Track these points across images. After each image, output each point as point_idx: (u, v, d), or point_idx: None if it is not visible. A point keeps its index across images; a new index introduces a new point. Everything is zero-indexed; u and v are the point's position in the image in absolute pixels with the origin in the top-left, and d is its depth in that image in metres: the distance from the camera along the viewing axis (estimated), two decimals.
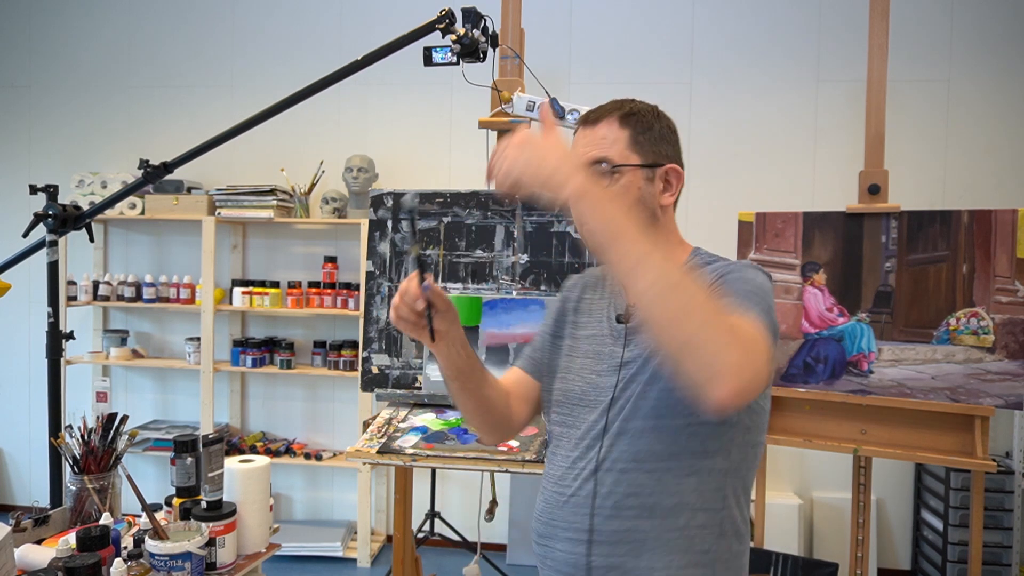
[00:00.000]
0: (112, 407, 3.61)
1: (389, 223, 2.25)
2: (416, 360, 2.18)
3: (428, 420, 2.02)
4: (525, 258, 2.16)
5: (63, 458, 1.61)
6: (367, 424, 2.02)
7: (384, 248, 2.24)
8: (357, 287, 3.53)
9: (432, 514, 3.29)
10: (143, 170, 2.09)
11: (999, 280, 2.19)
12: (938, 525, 3.16)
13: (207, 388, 3.57)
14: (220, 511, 1.48)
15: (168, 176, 2.23)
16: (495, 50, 2.30)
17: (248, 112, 2.12)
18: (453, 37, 2.08)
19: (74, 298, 3.67)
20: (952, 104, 3.36)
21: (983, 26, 3.33)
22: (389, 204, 2.25)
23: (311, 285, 3.64)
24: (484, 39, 2.13)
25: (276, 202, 3.53)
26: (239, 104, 3.82)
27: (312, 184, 3.61)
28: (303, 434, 3.83)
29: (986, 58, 3.32)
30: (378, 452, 1.83)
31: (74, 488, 1.61)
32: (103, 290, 3.70)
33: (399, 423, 2.00)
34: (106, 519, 1.46)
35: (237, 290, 3.60)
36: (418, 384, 2.16)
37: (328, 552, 3.49)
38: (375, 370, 2.19)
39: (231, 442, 3.67)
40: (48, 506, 1.79)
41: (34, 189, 2.16)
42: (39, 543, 1.50)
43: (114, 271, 3.92)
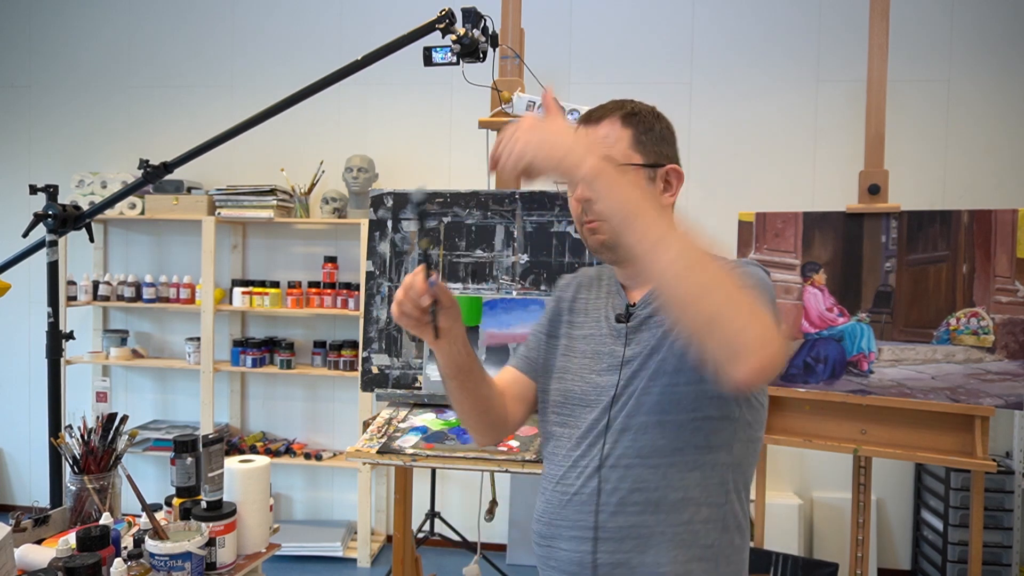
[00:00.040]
0: (112, 407, 3.61)
1: (389, 223, 2.25)
2: (416, 360, 2.18)
3: (428, 420, 2.02)
4: (525, 258, 2.16)
5: (63, 458, 1.61)
6: (367, 424, 2.02)
7: (384, 248, 2.24)
8: (357, 287, 3.53)
9: (432, 514, 3.29)
10: (143, 170, 2.09)
11: (999, 280, 2.19)
12: (938, 525, 3.16)
13: (207, 388, 3.57)
14: (220, 511, 1.48)
15: (168, 176, 2.23)
16: (495, 50, 2.30)
17: (248, 112, 2.12)
18: (453, 37, 2.08)
19: (74, 298, 3.67)
20: (952, 104, 3.36)
21: (983, 26, 3.33)
22: (389, 204, 2.25)
23: (311, 285, 3.64)
24: (484, 39, 2.13)
25: (276, 202, 3.53)
26: (239, 104, 3.82)
27: (312, 184, 3.61)
28: (303, 434, 3.83)
29: (986, 58, 3.33)
30: (378, 452, 1.83)
31: (74, 488, 1.61)
32: (103, 290, 3.70)
33: (399, 423, 2.00)
34: (106, 519, 1.46)
35: (237, 290, 3.60)
36: (418, 384, 2.16)
37: (328, 552, 3.49)
38: (375, 370, 2.19)
39: (231, 442, 3.67)
40: (48, 506, 1.79)
41: (34, 189, 2.16)
42: (39, 543, 1.50)
43: (114, 271, 3.92)
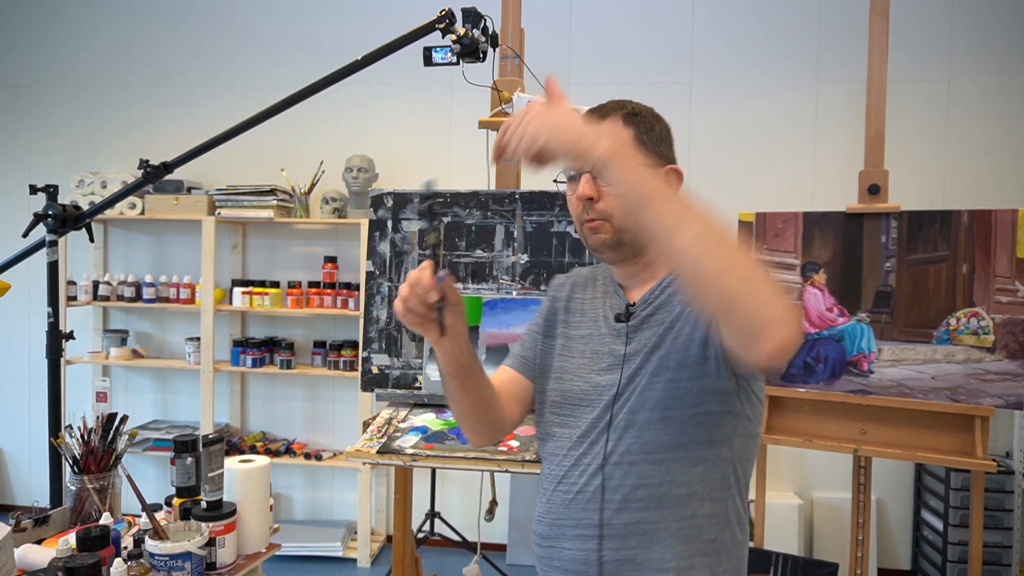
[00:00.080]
0: (112, 407, 3.61)
1: (389, 223, 2.25)
2: (416, 360, 2.18)
3: (428, 420, 2.02)
4: (525, 258, 2.16)
5: (63, 458, 1.61)
6: (367, 424, 2.02)
7: (384, 248, 2.24)
8: (357, 287, 3.53)
9: (432, 514, 3.29)
10: (143, 170, 2.09)
11: (999, 280, 2.19)
12: (938, 525, 3.16)
13: (207, 388, 3.57)
14: (220, 511, 1.48)
15: (168, 176, 2.23)
16: (495, 50, 2.30)
17: (248, 112, 2.12)
18: (453, 37, 2.08)
19: (74, 298, 3.67)
20: (952, 104, 3.36)
21: (983, 26, 3.33)
22: (389, 204, 2.25)
23: (311, 285, 3.64)
24: (484, 39, 2.13)
25: (276, 202, 3.53)
26: (239, 104, 3.82)
27: (312, 184, 3.61)
28: (303, 434, 3.83)
29: (986, 58, 3.32)
30: (378, 452, 1.83)
31: (74, 488, 1.61)
32: (103, 290, 3.70)
33: (399, 423, 2.00)
34: (106, 519, 1.46)
35: (237, 290, 3.60)
36: (418, 384, 2.16)
37: (328, 552, 3.49)
38: (375, 370, 2.19)
39: (231, 442, 3.67)
40: (48, 506, 1.79)
41: (34, 189, 2.16)
42: (39, 543, 1.50)
43: (114, 271, 3.92)
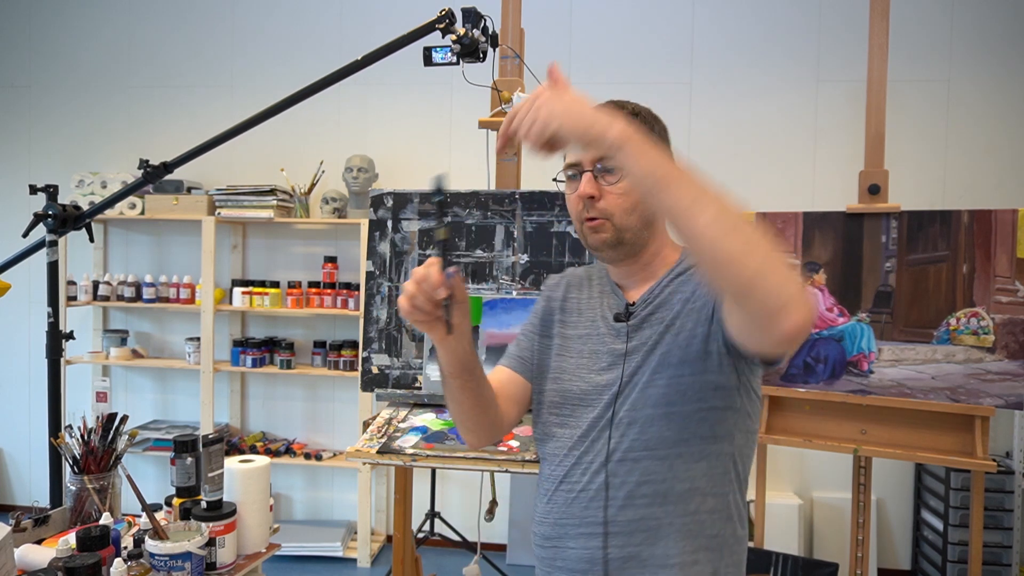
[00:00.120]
0: (112, 407, 3.61)
1: (389, 223, 2.25)
2: (416, 360, 2.18)
3: (428, 420, 2.02)
4: (525, 258, 2.16)
5: (63, 458, 1.61)
6: (367, 424, 2.02)
7: (384, 248, 2.24)
8: (357, 287, 3.53)
9: (432, 514, 3.29)
10: (143, 170, 2.09)
11: (999, 280, 2.19)
12: (938, 525, 3.16)
13: (207, 388, 3.57)
14: (220, 511, 1.48)
15: (168, 176, 2.23)
16: (495, 50, 2.30)
17: (248, 112, 2.12)
18: (453, 37, 2.08)
19: (74, 298, 3.67)
20: (952, 104, 3.36)
21: (983, 26, 3.33)
22: (389, 204, 2.25)
23: (311, 285, 3.64)
24: (484, 39, 2.13)
25: (276, 202, 3.53)
26: (239, 104, 3.82)
27: (312, 184, 3.61)
28: (303, 434, 3.83)
29: (986, 58, 3.32)
30: (378, 452, 1.83)
31: (74, 488, 1.61)
32: (103, 290, 3.70)
33: (399, 423, 2.00)
34: (106, 519, 1.46)
35: (237, 290, 3.60)
36: (418, 384, 2.16)
37: (328, 552, 3.49)
38: (375, 370, 2.19)
39: (231, 442, 3.67)
40: (48, 506, 1.79)
41: (34, 189, 2.16)
42: (39, 543, 1.50)
43: (114, 271, 3.92)
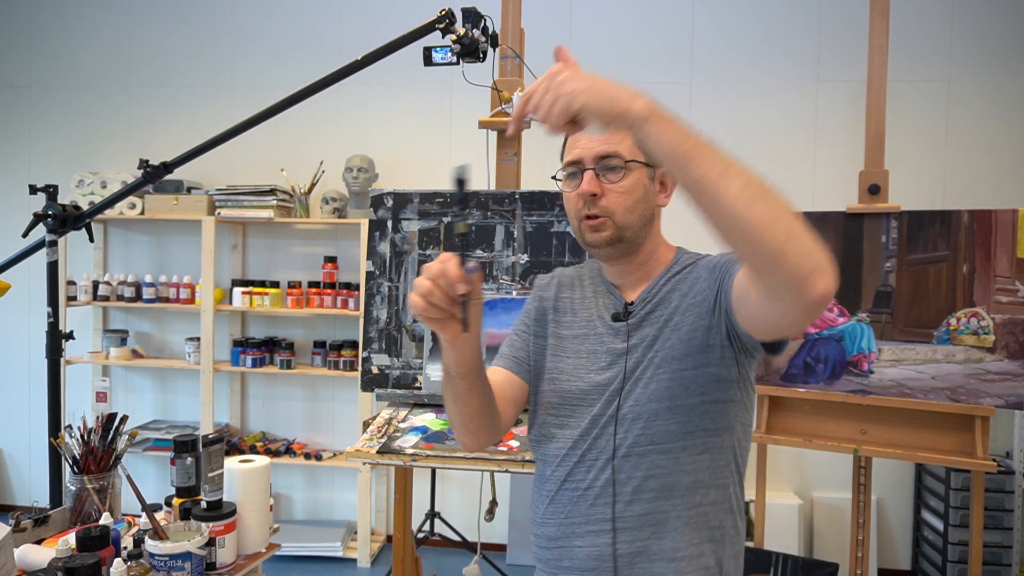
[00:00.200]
0: (112, 407, 3.60)
1: (389, 223, 2.25)
2: (416, 360, 2.18)
3: (428, 420, 2.02)
4: (525, 258, 2.16)
5: (63, 458, 1.61)
6: (367, 424, 2.02)
7: (384, 248, 2.24)
8: (357, 287, 3.53)
9: (432, 514, 3.29)
10: (143, 170, 2.10)
11: (999, 280, 2.19)
12: (938, 525, 3.16)
13: (207, 388, 3.57)
14: (220, 511, 1.48)
15: (168, 176, 2.23)
16: (495, 50, 2.31)
17: (248, 112, 2.12)
18: (453, 37, 2.08)
19: (74, 298, 3.67)
20: (952, 104, 3.36)
21: (983, 26, 3.32)
22: (389, 204, 2.25)
23: (311, 285, 3.64)
24: (484, 39, 2.13)
25: (276, 202, 3.53)
26: (239, 104, 3.82)
27: (312, 184, 3.61)
28: (303, 434, 3.83)
29: (986, 58, 3.32)
30: (378, 452, 1.83)
31: (74, 488, 1.61)
32: (103, 290, 3.70)
33: (399, 423, 2.00)
34: (106, 519, 1.46)
35: (237, 290, 3.60)
36: (418, 384, 2.16)
37: (328, 552, 3.49)
38: (375, 370, 2.19)
39: (231, 442, 3.67)
40: (48, 506, 1.79)
41: (34, 189, 2.16)
42: (39, 543, 1.50)
43: (114, 271, 3.92)
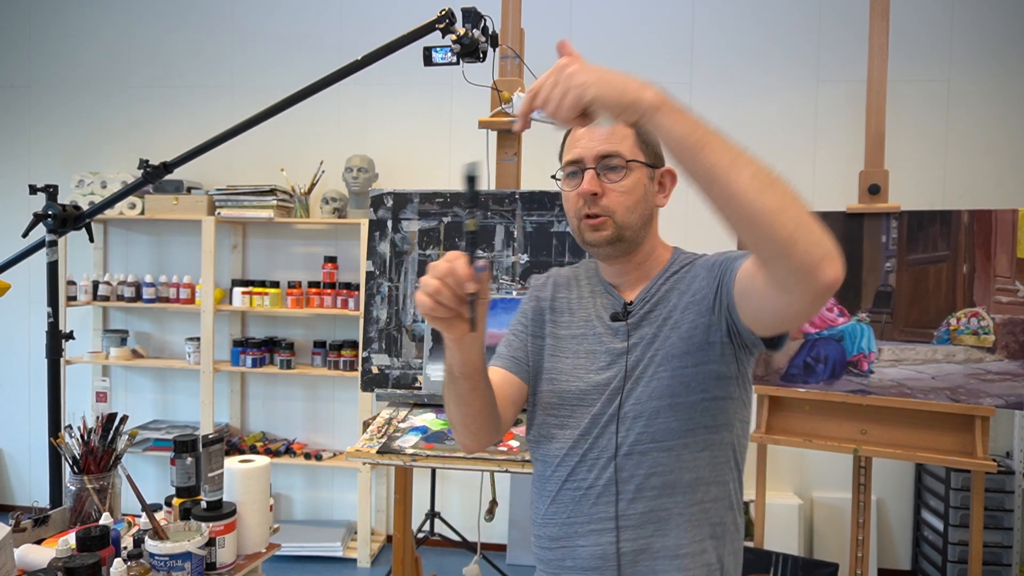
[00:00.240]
0: (112, 407, 3.60)
1: (389, 223, 2.25)
2: (416, 360, 2.18)
3: (428, 420, 2.02)
4: (525, 258, 2.16)
5: (63, 458, 1.61)
6: (367, 424, 2.02)
7: (384, 248, 2.24)
8: (357, 287, 3.53)
9: (432, 514, 3.29)
10: (143, 170, 2.10)
11: (999, 280, 2.19)
12: (938, 525, 3.16)
13: (207, 388, 3.57)
14: (220, 511, 1.48)
15: (168, 176, 2.23)
16: (495, 50, 2.31)
17: (248, 112, 2.12)
18: (453, 37, 2.08)
19: (74, 298, 3.67)
20: (952, 104, 3.35)
21: (983, 26, 3.32)
22: (389, 204, 2.25)
23: (311, 285, 3.64)
24: (484, 39, 2.13)
25: (276, 202, 3.53)
26: (239, 104, 3.82)
27: (312, 184, 3.61)
28: (303, 434, 3.83)
29: (986, 58, 3.32)
30: (378, 452, 1.83)
31: (74, 488, 1.61)
32: (103, 290, 3.70)
33: (399, 423, 2.00)
34: (106, 519, 1.46)
35: (237, 290, 3.60)
36: (418, 384, 2.16)
37: (328, 552, 3.49)
38: (375, 370, 2.19)
39: (231, 442, 3.67)
40: (48, 506, 1.79)
41: (34, 189, 2.16)
42: (39, 543, 1.50)
43: (114, 271, 3.92)
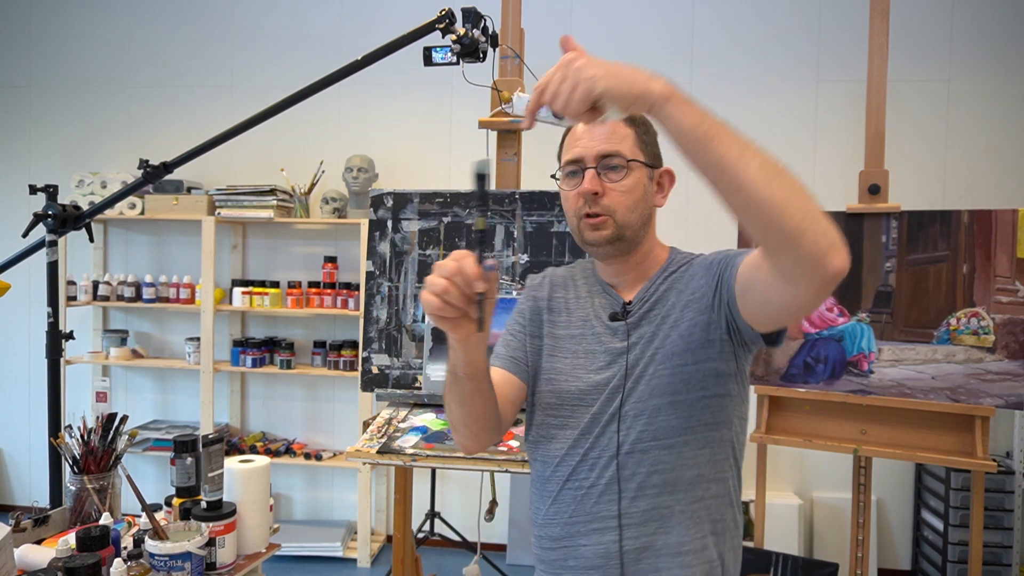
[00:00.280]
0: (112, 407, 3.60)
1: (389, 223, 2.25)
2: (416, 360, 2.18)
3: (428, 420, 2.02)
4: (525, 258, 2.16)
5: (63, 458, 1.61)
6: (367, 424, 2.02)
7: (384, 248, 2.24)
8: (357, 287, 3.53)
9: (432, 514, 3.29)
10: (143, 170, 2.10)
11: (999, 280, 2.19)
12: (938, 525, 3.16)
13: (207, 388, 3.57)
14: (220, 511, 1.48)
15: (168, 176, 2.23)
16: (495, 50, 2.31)
17: (248, 112, 2.12)
18: (453, 37, 2.08)
19: (74, 298, 3.67)
20: (952, 104, 3.35)
21: (983, 26, 3.32)
22: (389, 204, 2.25)
23: (311, 285, 3.64)
24: (484, 39, 2.13)
25: (276, 202, 3.53)
26: (239, 104, 3.82)
27: (312, 184, 3.61)
28: (303, 434, 3.83)
29: (986, 58, 3.32)
30: (378, 452, 1.83)
31: (74, 488, 1.61)
32: (103, 290, 3.70)
33: (399, 423, 2.00)
34: (106, 519, 1.46)
35: (237, 290, 3.60)
36: (418, 384, 2.16)
37: (328, 552, 3.49)
38: (375, 370, 2.19)
39: (231, 442, 3.66)
40: (48, 506, 1.79)
41: (34, 189, 2.16)
42: (39, 543, 1.50)
43: (114, 271, 3.92)
